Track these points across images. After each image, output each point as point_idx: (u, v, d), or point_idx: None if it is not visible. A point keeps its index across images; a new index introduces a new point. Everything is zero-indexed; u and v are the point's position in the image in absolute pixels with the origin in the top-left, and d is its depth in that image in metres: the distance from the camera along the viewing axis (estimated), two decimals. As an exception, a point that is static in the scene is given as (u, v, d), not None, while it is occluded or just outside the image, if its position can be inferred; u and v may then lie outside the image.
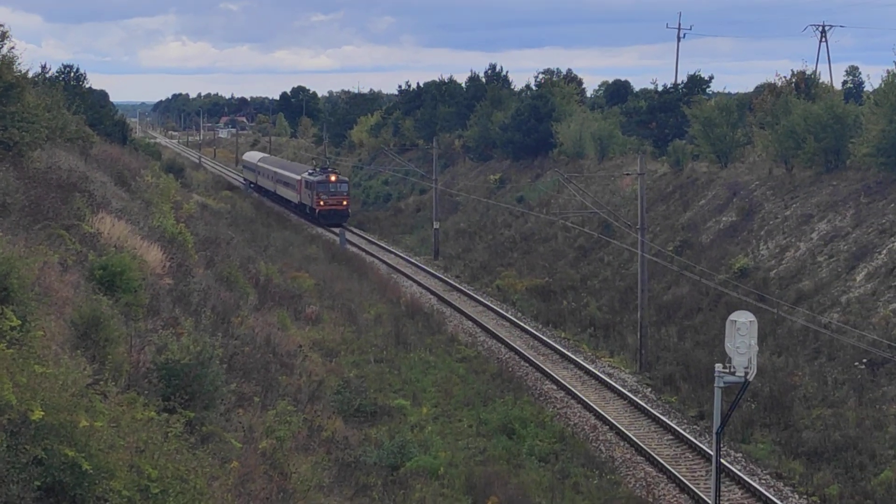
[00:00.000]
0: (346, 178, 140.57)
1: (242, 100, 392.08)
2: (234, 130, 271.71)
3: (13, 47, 49.18)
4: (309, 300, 65.51)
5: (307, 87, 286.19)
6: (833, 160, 77.02)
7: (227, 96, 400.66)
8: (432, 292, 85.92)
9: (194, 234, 64.73)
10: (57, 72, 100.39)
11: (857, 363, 52.15)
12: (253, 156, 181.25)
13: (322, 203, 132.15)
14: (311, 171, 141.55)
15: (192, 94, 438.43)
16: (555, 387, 60.36)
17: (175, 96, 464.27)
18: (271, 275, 69.20)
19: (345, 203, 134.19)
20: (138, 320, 36.20)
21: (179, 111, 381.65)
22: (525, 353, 66.48)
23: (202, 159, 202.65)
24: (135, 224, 51.71)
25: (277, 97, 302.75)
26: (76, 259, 38.44)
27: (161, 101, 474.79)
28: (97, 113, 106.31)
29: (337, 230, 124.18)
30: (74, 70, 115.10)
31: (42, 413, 18.66)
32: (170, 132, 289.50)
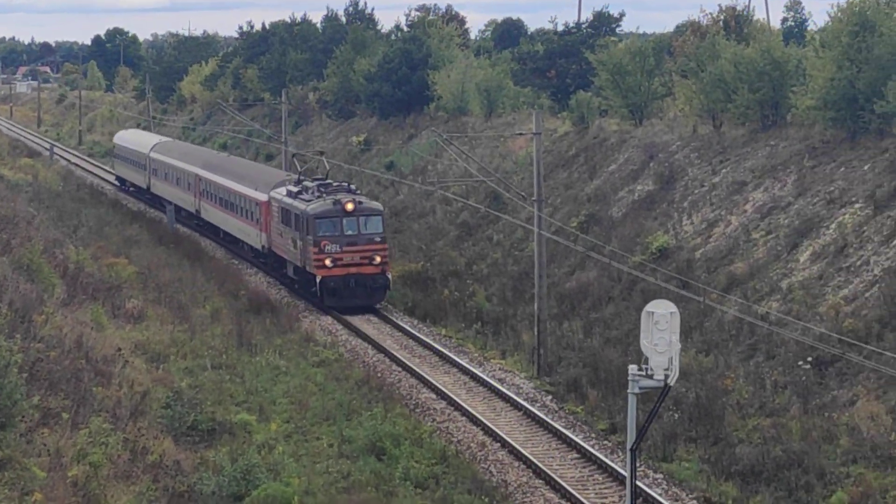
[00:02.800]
0: (379, 206, 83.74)
1: (46, 45, 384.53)
2: (35, 84, 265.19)
3: None
4: (130, 292, 65.41)
5: (125, 30, 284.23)
6: (771, 115, 77.48)
7: (27, 41, 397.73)
8: (282, 282, 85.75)
9: None
10: None
11: (801, 362, 52.05)
12: (139, 140, 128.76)
13: (330, 263, 76.53)
14: (293, 184, 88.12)
15: None
16: (434, 396, 60.79)
17: None
18: (83, 262, 68.94)
19: (380, 260, 78.03)
20: None
21: None
22: (397, 356, 67.27)
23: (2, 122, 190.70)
24: None
25: (89, 42, 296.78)
26: None
27: None
28: None
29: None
30: None
31: None
32: None
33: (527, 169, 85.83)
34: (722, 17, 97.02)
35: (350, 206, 70.72)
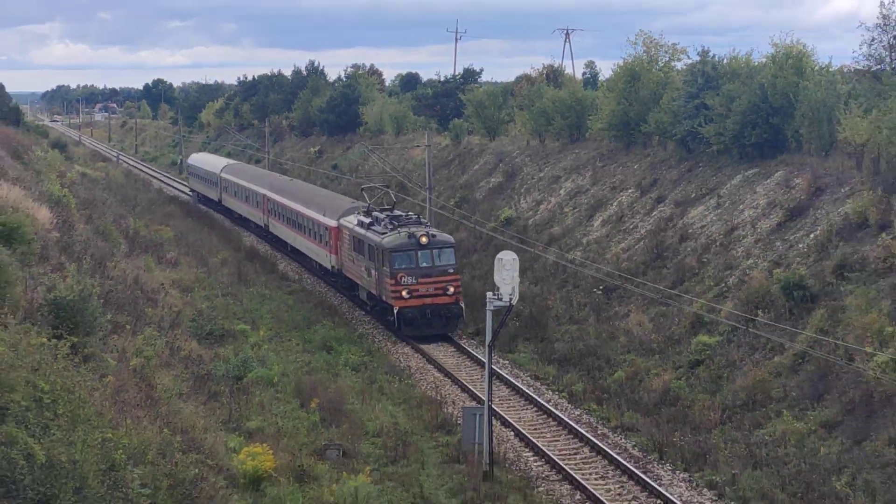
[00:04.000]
0: (451, 239, 60.16)
1: (113, 90, 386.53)
2: (106, 114, 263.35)
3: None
4: (169, 248, 65.21)
5: (165, 80, 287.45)
6: (575, 134, 78.70)
7: (101, 87, 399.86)
8: (267, 241, 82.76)
9: (76, 197, 64.46)
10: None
11: (595, 290, 54.08)
12: (211, 161, 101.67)
13: (406, 295, 56.24)
14: (363, 213, 62.75)
15: (73, 86, 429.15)
16: (362, 313, 60.11)
17: (59, 87, 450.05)
18: (139, 228, 68.79)
19: (453, 290, 57.17)
20: (31, 266, 37.11)
21: (63, 99, 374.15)
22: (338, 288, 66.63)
23: (81, 138, 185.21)
24: (28, 189, 51.74)
25: (141, 88, 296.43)
26: (-20, 218, 38.85)
27: (48, 92, 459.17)
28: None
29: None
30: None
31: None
32: (55, 116, 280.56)
33: (421, 168, 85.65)
34: (545, 72, 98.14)
35: (424, 240, 51.17)
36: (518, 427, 39.94)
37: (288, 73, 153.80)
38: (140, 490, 21.42)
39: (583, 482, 35.04)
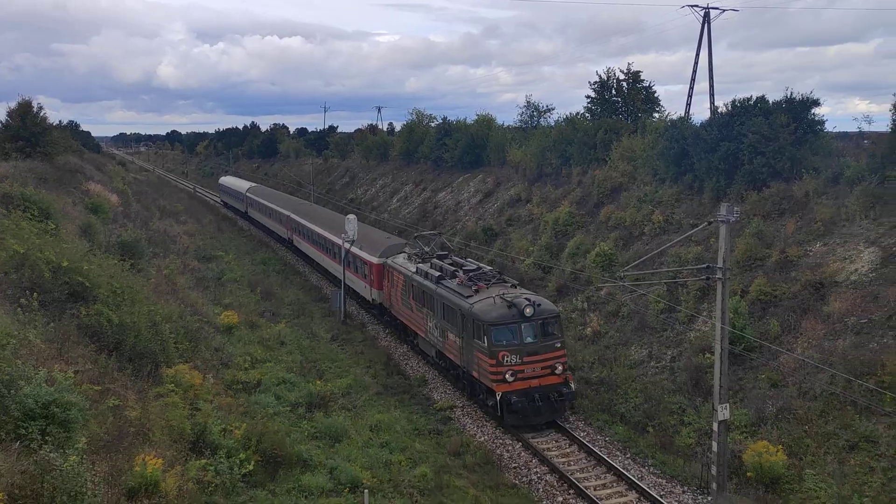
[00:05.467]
0: (555, 308, 25.40)
1: (149, 135, 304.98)
2: (146, 148, 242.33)
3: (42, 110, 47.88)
4: (182, 216, 61.56)
5: (178, 130, 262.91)
6: (383, 157, 76.74)
7: (143, 133, 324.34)
8: (238, 212, 73.89)
9: (131, 189, 61.70)
10: (60, 122, 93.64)
11: (404, 231, 49.93)
12: (237, 183, 79.86)
13: (510, 378, 23.61)
14: (419, 256, 32.77)
15: (128, 133, 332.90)
16: (282, 246, 56.77)
17: (120, 133, 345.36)
18: (167, 204, 65.47)
19: (561, 369, 24.23)
20: (108, 224, 36.49)
21: (122, 139, 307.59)
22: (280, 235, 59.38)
23: (133, 159, 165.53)
24: (105, 185, 50.39)
25: (164, 134, 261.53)
26: (80, 200, 38.48)
27: (114, 135, 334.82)
28: (84, 140, 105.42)
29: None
30: (73, 122, 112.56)
31: (67, 262, 19.42)
32: (118, 149, 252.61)
33: (308, 175, 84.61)
34: (368, 127, 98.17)
35: (529, 311, 24.39)
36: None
37: (240, 126, 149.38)
38: (169, 335, 20.93)
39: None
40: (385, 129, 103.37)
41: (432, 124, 71.02)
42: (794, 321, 23.18)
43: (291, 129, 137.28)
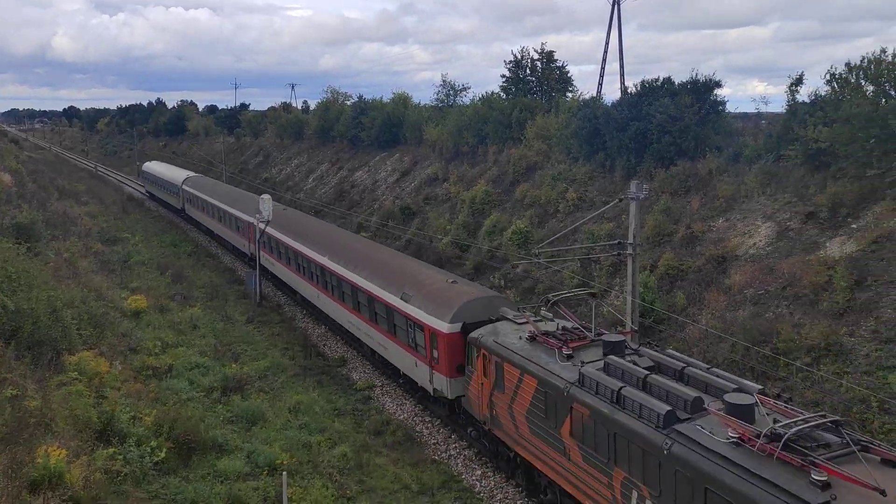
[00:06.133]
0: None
1: (43, 111, 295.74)
2: (41, 125, 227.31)
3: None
4: (83, 197, 59.06)
5: (76, 106, 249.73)
6: (298, 136, 75.05)
7: (38, 109, 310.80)
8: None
9: (27, 169, 59.06)
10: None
11: (316, 209, 50.32)
12: (168, 173, 65.05)
13: None
14: (564, 355, 14.95)
15: (21, 108, 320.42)
16: (192, 227, 54.75)
17: (12, 109, 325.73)
18: (66, 183, 62.31)
19: None
20: (2, 205, 35.37)
21: (15, 116, 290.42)
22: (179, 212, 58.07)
23: (28, 137, 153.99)
24: None
25: (61, 110, 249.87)
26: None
27: (5, 112, 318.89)
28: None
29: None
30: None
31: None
32: (13, 125, 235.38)
33: (219, 154, 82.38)
34: (281, 105, 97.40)
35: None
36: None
37: (145, 103, 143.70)
38: (71, 321, 20.28)
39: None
40: (299, 107, 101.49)
41: (348, 102, 70.88)
42: (699, 294, 24.17)
43: (200, 107, 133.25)
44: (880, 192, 23.20)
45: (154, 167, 70.22)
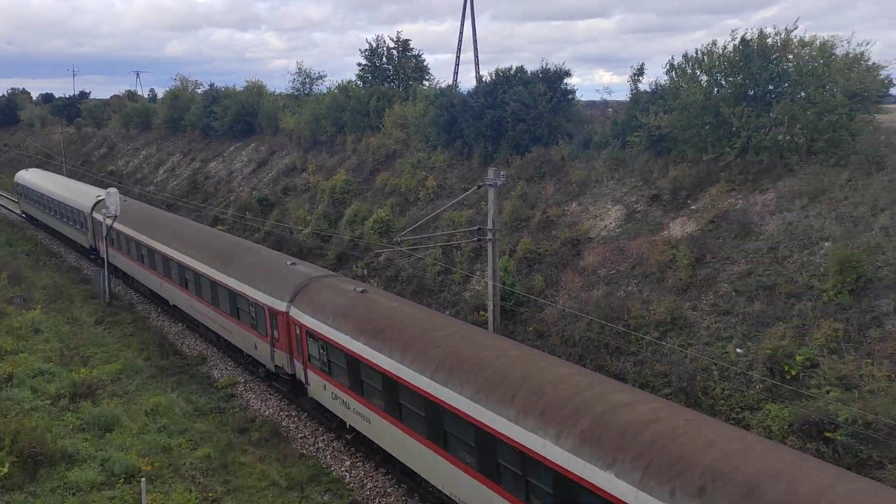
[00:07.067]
0: None
1: None
2: None
3: None
4: None
5: None
6: (145, 125, 72.57)
7: None
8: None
9: None
10: None
11: (163, 204, 47.77)
12: (73, 189, 43.48)
13: None
14: None
15: None
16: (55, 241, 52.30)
17: None
18: None
19: None
20: None
21: None
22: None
23: None
24: None
25: None
26: None
27: None
28: None
29: None
30: None
31: None
32: None
33: (58, 146, 77.74)
34: (126, 94, 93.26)
35: None
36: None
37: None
38: None
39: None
40: (146, 95, 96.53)
41: (199, 91, 68.63)
42: (556, 276, 25.11)
43: (35, 95, 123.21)
44: (715, 175, 24.93)
45: (31, 179, 51.24)
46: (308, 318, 19.40)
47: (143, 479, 13.62)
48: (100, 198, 38.45)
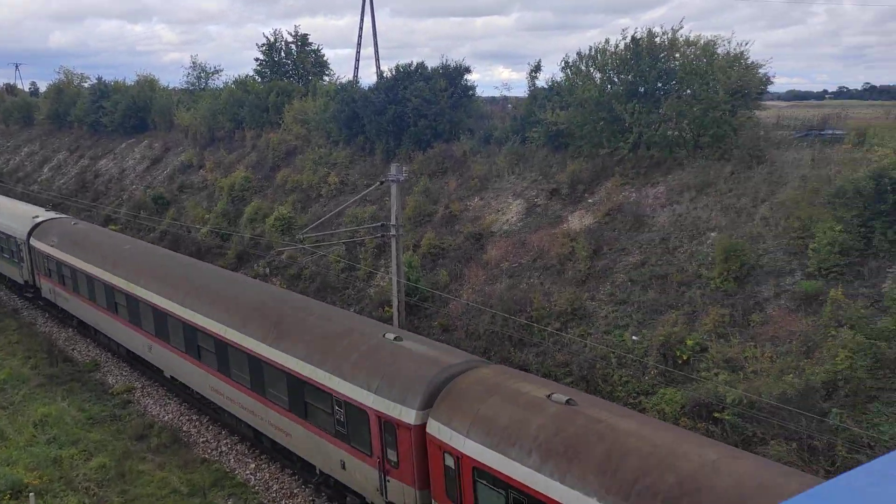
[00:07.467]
0: None
1: None
2: None
3: None
4: None
5: None
6: (29, 121, 69.90)
7: None
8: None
9: None
10: None
11: (51, 203, 46.94)
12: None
13: None
14: None
15: None
16: None
17: None
18: None
19: None
20: None
21: None
22: None
23: None
24: None
25: None
26: None
27: None
28: None
29: None
30: None
31: None
32: None
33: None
34: (5, 87, 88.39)
35: None
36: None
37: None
38: None
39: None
40: (27, 89, 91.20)
41: (86, 85, 65.98)
42: (460, 270, 25.38)
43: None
44: (610, 170, 25.77)
45: None
46: (472, 445, 11.57)
47: (31, 494, 12.90)
48: (38, 219, 31.60)
